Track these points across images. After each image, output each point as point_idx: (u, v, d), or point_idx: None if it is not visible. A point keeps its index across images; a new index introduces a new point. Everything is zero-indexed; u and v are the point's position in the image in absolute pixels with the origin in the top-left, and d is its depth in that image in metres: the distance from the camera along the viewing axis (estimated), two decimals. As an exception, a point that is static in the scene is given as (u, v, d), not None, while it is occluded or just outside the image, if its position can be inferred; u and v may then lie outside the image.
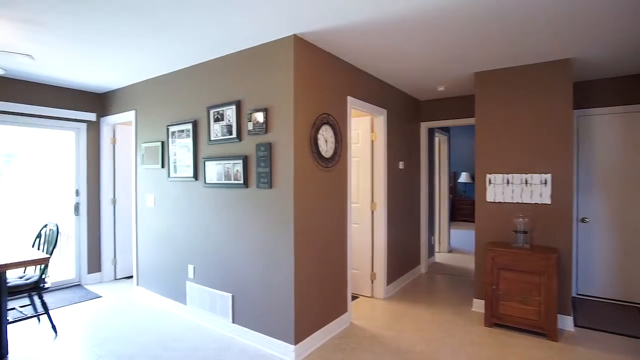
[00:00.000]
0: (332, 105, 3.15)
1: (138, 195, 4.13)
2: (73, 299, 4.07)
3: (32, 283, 3.13)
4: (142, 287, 4.10)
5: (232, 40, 2.82)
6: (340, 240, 3.27)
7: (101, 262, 4.77)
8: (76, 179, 4.60)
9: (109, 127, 4.76)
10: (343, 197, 3.30)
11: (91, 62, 3.42)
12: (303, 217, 2.80)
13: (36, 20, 2.49)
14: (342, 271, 3.30)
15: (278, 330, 2.81)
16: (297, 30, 2.64)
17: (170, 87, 3.70)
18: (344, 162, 3.31)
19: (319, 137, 2.95)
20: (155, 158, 3.85)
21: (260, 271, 2.92)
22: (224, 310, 3.17)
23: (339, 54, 3.13)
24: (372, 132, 4.06)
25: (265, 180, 2.82)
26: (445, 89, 4.45)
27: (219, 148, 3.20)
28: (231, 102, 3.06)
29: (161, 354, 2.83)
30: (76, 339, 3.10)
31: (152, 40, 2.84)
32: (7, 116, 3.96)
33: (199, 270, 3.41)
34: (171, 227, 3.69)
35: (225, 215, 3.16)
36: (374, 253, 4.08)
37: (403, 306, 3.83)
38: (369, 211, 4.07)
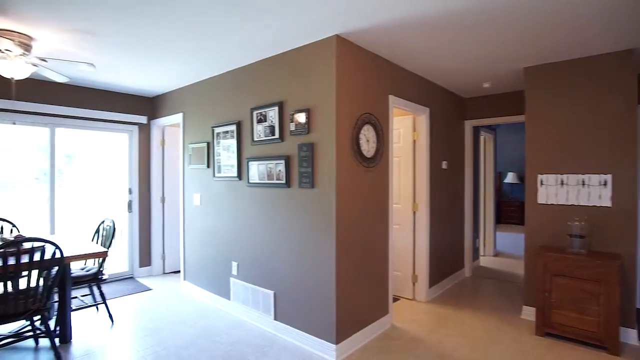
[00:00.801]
0: (374, 104, 3.12)
1: (185, 194, 4.33)
2: (127, 291, 4.34)
3: (92, 274, 3.37)
4: (189, 281, 4.29)
5: (275, 42, 2.87)
6: (381, 240, 3.23)
7: (151, 256, 5.05)
8: (129, 178, 4.90)
9: (158, 129, 5.02)
10: (384, 197, 3.26)
11: (144, 68, 3.62)
12: (345, 216, 2.79)
13: (97, 31, 2.68)
14: (383, 272, 3.26)
15: (319, 328, 2.82)
16: (339, 31, 2.64)
17: (215, 90, 3.84)
18: (385, 162, 3.26)
19: (360, 137, 2.93)
20: (201, 158, 4.02)
21: (301, 269, 2.95)
22: (266, 307, 3.24)
23: (381, 52, 3.10)
24: (414, 131, 3.98)
25: (308, 180, 2.85)
26: (492, 86, 4.26)
27: (262, 148, 3.27)
28: (274, 103, 3.12)
29: (208, 346, 2.94)
30: (130, 328, 3.30)
31: (199, 46, 2.96)
32: (68, 120, 4.30)
33: (242, 267, 3.51)
34: (216, 225, 3.83)
35: (268, 214, 3.22)
36: (415, 255, 3.99)
37: (446, 310, 3.71)
38: (410, 212, 3.98)
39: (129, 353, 2.84)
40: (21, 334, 2.92)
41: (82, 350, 2.88)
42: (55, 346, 2.72)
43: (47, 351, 2.87)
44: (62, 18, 2.46)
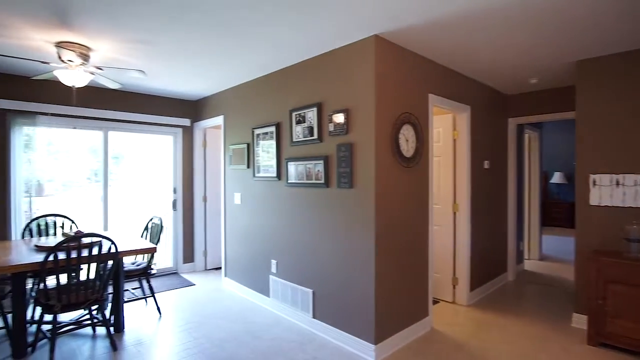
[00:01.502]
0: (413, 103, 3.08)
1: (226, 193, 4.48)
2: (172, 285, 4.56)
3: (142, 269, 3.58)
4: (229, 278, 4.44)
5: (314, 44, 2.92)
6: (421, 241, 3.18)
7: (194, 253, 5.27)
8: (174, 178, 5.14)
9: (200, 131, 5.24)
10: (424, 197, 3.21)
11: (189, 74, 3.80)
12: (384, 216, 2.78)
13: (149, 41, 2.85)
14: (423, 274, 3.21)
15: (358, 328, 2.83)
16: (378, 30, 2.63)
17: (255, 93, 3.95)
18: (425, 162, 3.21)
19: (399, 137, 2.91)
20: (241, 159, 4.15)
21: (340, 269, 2.98)
22: (305, 305, 3.30)
23: (420, 51, 3.05)
24: (454, 130, 3.88)
25: (346, 180, 2.86)
26: (538, 81, 4.06)
27: (301, 149, 3.33)
28: (312, 104, 3.16)
29: (249, 341, 3.04)
30: (176, 320, 3.47)
31: (240, 51, 3.06)
32: (119, 123, 4.58)
33: (281, 265, 3.59)
34: (256, 224, 3.94)
35: (307, 213, 3.27)
36: (456, 257, 3.89)
37: (488, 315, 3.59)
38: (450, 213, 3.89)
39: (176, 344, 2.99)
40: (81, 322, 3.16)
41: (134, 340, 3.07)
42: (110, 334, 2.92)
43: (103, 339, 3.08)
44: (118, 29, 2.64)
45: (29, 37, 2.77)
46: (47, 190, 4.31)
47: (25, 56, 3.19)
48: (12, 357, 2.75)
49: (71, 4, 2.24)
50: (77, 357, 2.78)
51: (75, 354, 2.82)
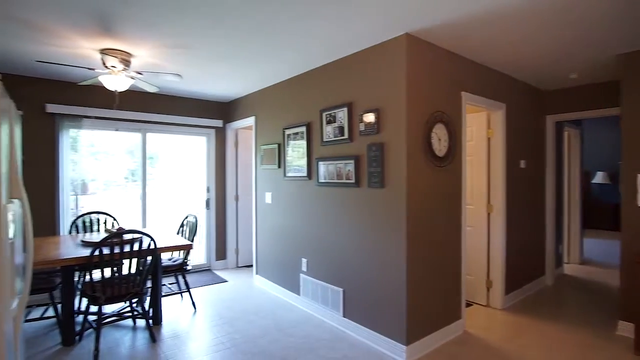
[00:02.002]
0: (446, 102, 3.03)
1: (257, 192, 4.58)
2: (205, 281, 4.71)
3: (178, 265, 3.73)
4: (260, 275, 4.53)
5: (344, 44, 2.93)
6: (453, 242, 3.12)
7: (226, 251, 5.42)
8: (207, 178, 5.31)
9: (232, 131, 5.37)
10: (457, 197, 3.15)
11: (221, 76, 3.91)
12: (416, 217, 2.75)
13: (186, 46, 2.97)
14: (455, 275, 3.14)
15: (389, 328, 2.82)
16: (409, 29, 2.61)
17: (286, 93, 4.01)
18: (458, 161, 3.15)
19: (432, 136, 2.86)
20: (272, 159, 4.22)
21: (371, 269, 2.97)
22: (335, 304, 3.31)
23: (452, 48, 2.99)
24: (488, 128, 3.77)
25: (377, 180, 2.86)
26: (578, 76, 3.87)
27: (331, 149, 3.35)
28: (343, 104, 3.17)
29: (280, 337, 3.09)
30: (210, 315, 3.58)
31: (272, 53, 3.12)
32: (156, 125, 4.79)
33: (311, 264, 3.62)
34: (286, 223, 4.00)
35: (337, 212, 3.29)
36: (490, 259, 3.78)
37: (525, 319, 3.47)
38: (484, 213, 3.79)
39: (210, 338, 3.09)
40: (122, 314, 3.33)
41: (171, 332, 3.20)
42: (149, 326, 3.06)
43: (143, 330, 3.24)
44: (157, 36, 2.76)
45: (78, 45, 2.95)
46: (91, 189, 4.57)
47: (74, 63, 3.40)
48: (62, 344, 2.94)
49: (116, 13, 2.37)
50: (120, 346, 2.94)
51: (118, 344, 2.98)
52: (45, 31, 2.67)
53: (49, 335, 3.14)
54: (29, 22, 2.51)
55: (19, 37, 2.79)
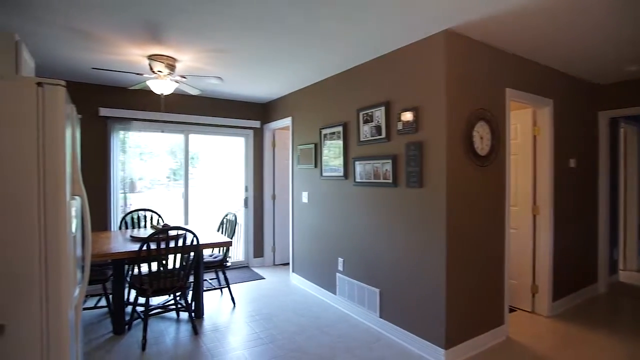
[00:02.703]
0: (488, 99, 2.92)
1: (294, 192, 4.65)
2: (243, 278, 4.85)
3: (218, 261, 3.86)
4: (297, 274, 4.59)
5: (382, 43, 2.90)
6: (496, 245, 3.00)
7: (263, 249, 5.54)
8: (245, 177, 5.46)
9: (270, 132, 5.48)
10: (500, 198, 3.02)
11: (259, 77, 4.00)
12: (456, 217, 2.68)
13: (228, 49, 3.07)
14: (498, 279, 3.02)
15: (427, 331, 2.76)
16: (449, 25, 2.54)
17: (322, 94, 4.04)
18: (501, 160, 3.02)
19: (473, 134, 2.77)
20: (309, 159, 4.27)
21: (408, 270, 2.93)
22: (372, 305, 3.29)
23: (495, 42, 2.88)
24: (534, 125, 3.59)
25: (415, 180, 2.81)
26: (638, 68, 3.58)
27: (368, 148, 3.33)
28: (380, 103, 3.15)
29: (317, 335, 3.12)
30: (248, 311, 3.68)
31: (311, 53, 3.15)
32: (197, 127, 4.98)
33: (348, 264, 3.63)
34: (323, 222, 4.03)
35: (374, 212, 3.27)
36: (535, 263, 3.60)
37: (575, 328, 3.27)
38: (530, 215, 3.61)
39: (248, 332, 3.18)
40: (167, 307, 3.51)
41: (212, 326, 3.33)
42: (192, 319, 3.20)
43: (186, 323, 3.39)
44: (200, 41, 2.88)
45: (129, 52, 3.14)
46: (138, 187, 4.85)
47: (124, 69, 3.63)
48: (113, 333, 3.14)
49: (164, 22, 2.50)
50: (165, 337, 3.09)
51: (163, 334, 3.14)
52: (100, 41, 2.86)
53: (101, 323, 3.37)
54: (87, 33, 2.70)
55: (78, 47, 3.02)
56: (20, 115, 1.23)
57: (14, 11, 2.35)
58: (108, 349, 2.87)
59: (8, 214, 1.22)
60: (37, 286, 1.26)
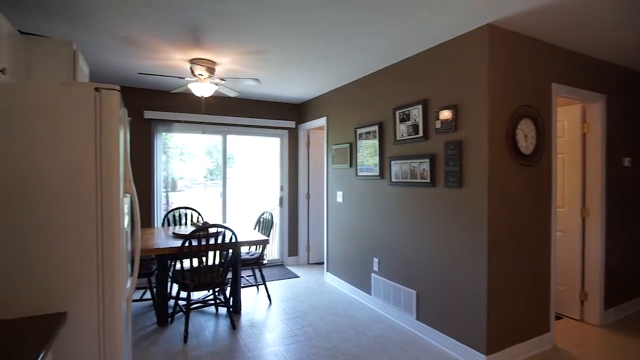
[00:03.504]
0: (533, 95, 2.79)
1: (329, 191, 4.66)
2: (278, 276, 4.93)
3: (255, 258, 3.95)
4: (331, 273, 4.61)
5: (420, 40, 2.85)
6: (541, 248, 2.86)
7: (298, 247, 5.61)
8: (280, 177, 5.55)
9: (304, 132, 5.54)
10: (546, 198, 2.88)
11: (296, 79, 4.05)
12: (498, 219, 2.58)
13: (265, 51, 3.13)
14: (543, 284, 2.88)
15: (467, 335, 2.68)
16: (492, 19, 2.45)
17: (357, 93, 4.02)
18: (547, 160, 2.88)
19: (517, 132, 2.66)
20: (344, 158, 4.27)
21: (447, 272, 2.85)
22: (408, 306, 3.24)
23: (541, 35, 2.74)
24: (583, 122, 3.38)
25: (455, 179, 2.73)
26: None
27: (405, 147, 3.28)
28: (417, 101, 3.09)
29: (352, 335, 3.12)
30: (284, 308, 3.74)
31: (347, 52, 3.15)
32: (235, 127, 5.12)
33: (383, 264, 3.59)
34: (358, 221, 4.01)
35: (411, 212, 3.22)
36: (584, 268, 3.39)
37: (629, 339, 3.05)
38: (578, 217, 3.40)
39: (284, 330, 3.23)
40: (206, 301, 3.63)
41: (249, 322, 3.41)
42: (231, 314, 3.30)
43: (224, 318, 3.49)
44: (238, 44, 2.96)
45: (171, 57, 3.29)
46: (179, 186, 5.06)
47: (167, 74, 3.80)
48: (157, 324, 3.30)
49: (205, 26, 2.59)
50: (205, 330, 3.21)
51: (203, 328, 3.25)
52: (146, 47, 3.02)
53: (146, 315, 3.55)
54: (134, 39, 2.86)
55: (125, 53, 3.19)
56: (81, 118, 1.33)
57: (72, 22, 2.53)
58: (152, 339, 3.02)
59: (71, 209, 1.32)
60: (95, 278, 1.35)
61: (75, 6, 2.29)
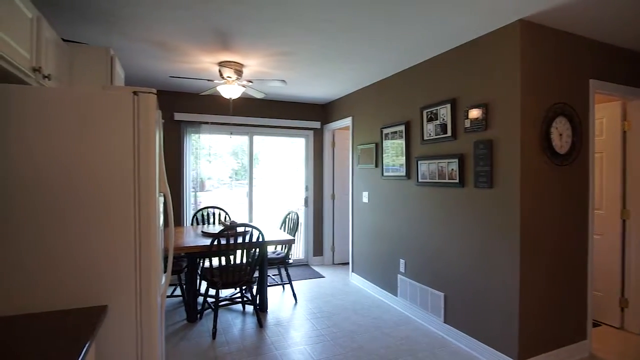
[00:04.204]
0: (569, 92, 2.68)
1: (354, 192, 4.65)
2: (303, 275, 4.96)
3: (281, 258, 3.99)
4: (356, 273, 4.59)
5: (448, 38, 2.80)
6: (577, 251, 2.74)
7: (323, 247, 5.62)
8: (305, 177, 5.58)
9: (329, 132, 5.55)
10: (582, 200, 2.76)
11: (320, 79, 4.07)
12: (530, 220, 2.50)
13: (290, 52, 3.17)
14: (579, 289, 2.76)
15: (498, 340, 2.61)
16: (524, 14, 2.37)
17: (383, 93, 3.99)
18: (584, 159, 2.76)
19: (551, 131, 2.56)
20: (369, 158, 4.24)
21: (477, 274, 2.79)
22: (436, 309, 3.19)
23: (577, 30, 2.62)
24: (624, 120, 3.22)
25: (485, 180, 2.66)
26: None
27: (432, 147, 3.23)
28: (445, 100, 3.04)
29: (378, 336, 3.10)
30: (309, 308, 3.76)
31: (373, 52, 3.13)
32: (260, 128, 5.20)
33: (410, 266, 3.55)
34: (384, 222, 3.98)
35: (438, 213, 3.16)
36: (625, 273, 3.22)
37: (675, 350, 2.87)
38: (618, 220, 3.24)
39: (310, 329, 3.25)
40: (234, 299, 3.70)
41: (275, 320, 3.45)
42: (257, 312, 3.35)
43: (251, 316, 3.55)
44: (265, 46, 3.01)
45: (200, 60, 3.38)
46: (207, 186, 5.18)
47: (197, 76, 3.90)
48: (187, 320, 3.40)
49: (233, 30, 2.65)
50: (232, 327, 3.27)
51: (231, 325, 3.32)
52: (176, 50, 3.11)
53: (176, 311, 3.66)
54: (165, 44, 2.96)
55: (157, 57, 3.31)
56: (120, 120, 1.39)
57: (109, 29, 2.64)
58: (182, 335, 3.11)
59: (112, 207, 1.38)
60: (133, 273, 1.41)
61: (113, 14, 2.40)
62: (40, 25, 1.68)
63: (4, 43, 1.32)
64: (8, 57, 1.36)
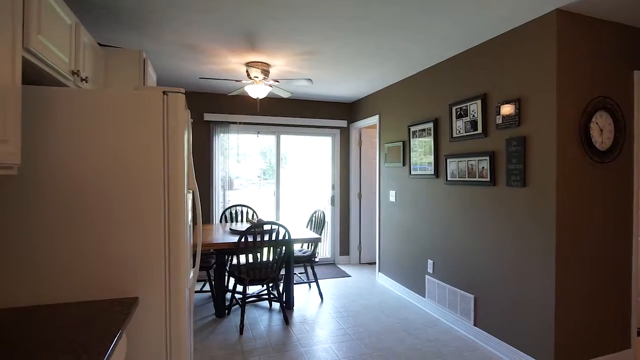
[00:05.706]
0: (610, 84, 2.52)
1: (381, 191, 4.60)
2: (330, 274, 4.96)
3: (307, 256, 4.01)
4: (383, 273, 4.54)
5: (478, 31, 2.70)
6: (620, 255, 2.58)
7: (349, 247, 5.60)
8: (332, 176, 5.57)
9: (356, 131, 5.51)
10: (626, 200, 2.59)
11: (347, 78, 4.05)
12: (567, 220, 2.37)
13: (315, 51, 3.17)
14: (621, 295, 2.60)
15: (532, 346, 2.50)
16: (560, 3, 2.25)
17: (411, 90, 3.92)
18: (627, 156, 2.59)
19: (591, 127, 2.42)
20: (397, 157, 4.18)
21: (509, 277, 2.68)
22: (465, 311, 3.10)
23: (619, 17, 2.46)
24: (673, 114, 2.99)
25: (518, 178, 2.56)
26: None
27: (462, 145, 3.14)
28: (475, 96, 2.94)
29: (405, 337, 3.05)
30: (335, 306, 3.76)
31: (401, 48, 3.08)
32: (288, 128, 5.24)
33: (438, 266, 3.46)
34: (411, 222, 3.91)
35: (468, 213, 3.07)
36: (674, 279, 3.00)
37: None
38: (666, 221, 3.02)
39: (336, 327, 3.24)
40: (260, 296, 3.76)
41: (301, 317, 3.47)
42: (283, 309, 3.38)
43: (277, 312, 3.59)
44: (291, 45, 3.03)
45: (228, 61, 3.45)
46: (235, 185, 5.29)
47: (225, 77, 3.99)
48: (215, 315, 3.48)
49: (260, 30, 2.69)
50: (259, 324, 3.32)
51: (257, 321, 3.37)
52: (205, 52, 3.20)
53: (205, 306, 3.76)
54: (194, 46, 3.04)
55: (187, 59, 3.41)
56: (151, 119, 1.45)
57: (142, 33, 2.75)
58: (211, 329, 3.19)
59: (143, 202, 1.44)
60: (163, 267, 1.46)
61: (146, 18, 2.49)
62: (78, 31, 1.78)
63: (46, 49, 1.40)
64: (50, 62, 1.44)
